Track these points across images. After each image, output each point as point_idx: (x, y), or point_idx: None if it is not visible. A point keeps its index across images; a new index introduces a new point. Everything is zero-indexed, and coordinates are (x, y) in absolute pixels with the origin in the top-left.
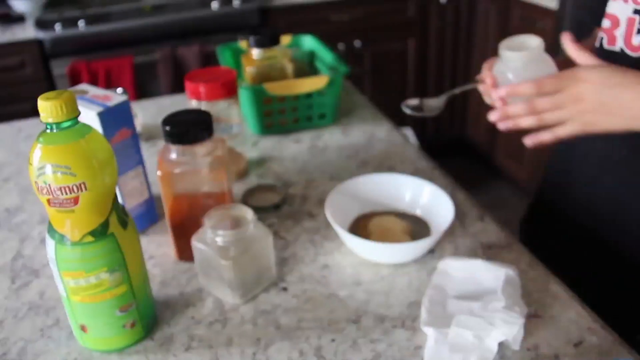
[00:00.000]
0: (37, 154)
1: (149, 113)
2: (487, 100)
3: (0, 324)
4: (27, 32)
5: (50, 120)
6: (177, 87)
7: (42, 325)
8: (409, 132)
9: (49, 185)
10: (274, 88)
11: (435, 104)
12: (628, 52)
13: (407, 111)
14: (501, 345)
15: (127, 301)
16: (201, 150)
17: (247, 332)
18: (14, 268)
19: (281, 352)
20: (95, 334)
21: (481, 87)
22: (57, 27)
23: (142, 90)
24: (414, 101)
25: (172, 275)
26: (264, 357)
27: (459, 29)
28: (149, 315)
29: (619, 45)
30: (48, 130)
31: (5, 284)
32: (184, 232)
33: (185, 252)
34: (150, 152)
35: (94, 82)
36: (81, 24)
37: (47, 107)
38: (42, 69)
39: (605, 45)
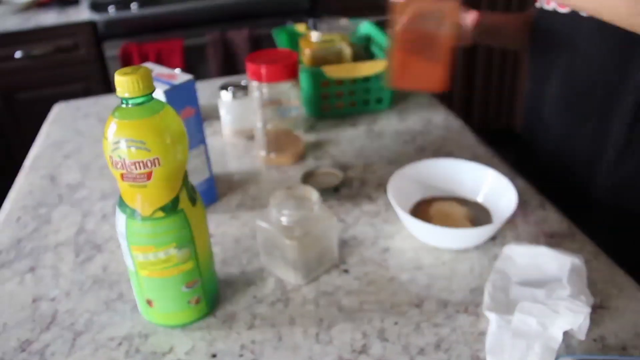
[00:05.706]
0: (113, 128)
1: (203, 94)
2: None
3: (67, 295)
4: (82, 14)
5: (126, 95)
6: (226, 70)
7: (106, 299)
8: None
9: (124, 159)
10: (333, 71)
11: None
12: None
13: None
14: (566, 334)
15: (194, 277)
16: None
17: (310, 312)
18: (77, 242)
19: (344, 333)
20: (160, 309)
21: None
22: (111, 9)
23: (191, 72)
24: None
25: (232, 254)
26: (327, 337)
27: None
28: (212, 293)
29: None
30: (123, 105)
31: (69, 257)
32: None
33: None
34: (206, 133)
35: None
36: (134, 6)
37: (124, 82)
38: (94, 51)
39: None
